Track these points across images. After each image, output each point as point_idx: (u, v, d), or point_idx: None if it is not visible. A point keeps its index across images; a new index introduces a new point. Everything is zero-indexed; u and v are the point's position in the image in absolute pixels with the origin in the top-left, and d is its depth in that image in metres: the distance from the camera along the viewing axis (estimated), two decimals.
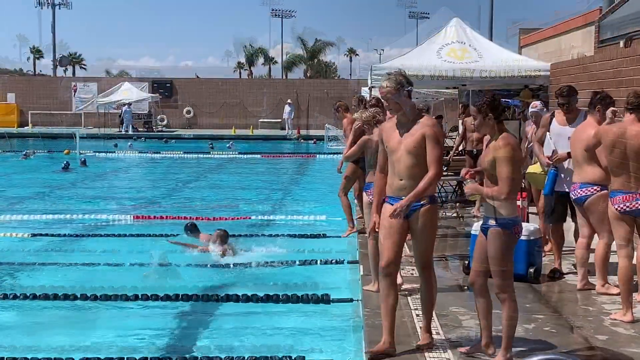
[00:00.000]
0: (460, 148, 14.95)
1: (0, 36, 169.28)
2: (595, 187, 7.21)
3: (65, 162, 24.33)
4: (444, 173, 14.16)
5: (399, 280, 7.26)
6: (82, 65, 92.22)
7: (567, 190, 7.99)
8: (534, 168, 8.85)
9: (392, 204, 5.72)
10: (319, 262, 9.98)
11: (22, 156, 27.92)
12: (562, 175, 8.05)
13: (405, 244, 10.17)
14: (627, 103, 6.78)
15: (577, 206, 7.48)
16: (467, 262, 8.38)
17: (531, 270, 7.93)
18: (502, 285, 5.53)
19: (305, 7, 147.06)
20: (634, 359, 5.71)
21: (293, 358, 6.39)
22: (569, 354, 5.36)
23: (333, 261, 9.86)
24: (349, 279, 9.08)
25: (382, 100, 6.22)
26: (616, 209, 6.72)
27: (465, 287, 7.75)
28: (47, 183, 20.88)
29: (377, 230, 5.93)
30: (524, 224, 8.39)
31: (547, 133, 8.22)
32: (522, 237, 7.93)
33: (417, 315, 6.74)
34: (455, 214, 12.35)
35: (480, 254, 5.64)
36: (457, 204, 12.91)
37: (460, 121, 23.35)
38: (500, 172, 5.38)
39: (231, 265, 10.18)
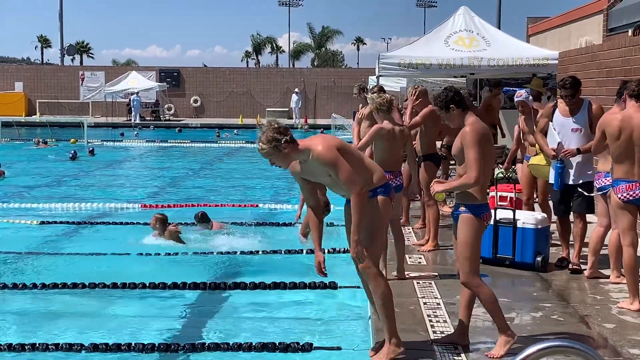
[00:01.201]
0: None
1: (5, 26, 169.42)
2: None
3: (72, 151, 24.38)
4: (452, 163, 14.13)
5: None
6: (90, 54, 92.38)
7: (570, 182, 7.88)
8: (538, 159, 8.78)
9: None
10: (326, 250, 9.97)
11: (42, 144, 28.19)
12: (566, 167, 7.92)
13: (412, 230, 10.21)
14: (631, 90, 6.76)
15: (601, 195, 7.45)
16: None
17: (539, 259, 7.93)
18: (467, 274, 5.49)
19: None
20: None
21: (301, 345, 6.41)
22: (576, 341, 5.36)
23: (340, 250, 9.86)
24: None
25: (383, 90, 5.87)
26: (619, 198, 6.70)
27: None
28: (55, 172, 20.94)
29: (323, 271, 5.47)
30: (531, 213, 8.44)
31: (550, 123, 8.10)
32: (530, 226, 7.96)
33: (425, 303, 6.76)
34: None
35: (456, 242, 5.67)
36: None
37: None
38: (467, 156, 5.42)
39: (238, 253, 10.20)
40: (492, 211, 8.22)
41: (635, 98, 6.72)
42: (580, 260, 7.89)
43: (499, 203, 9.01)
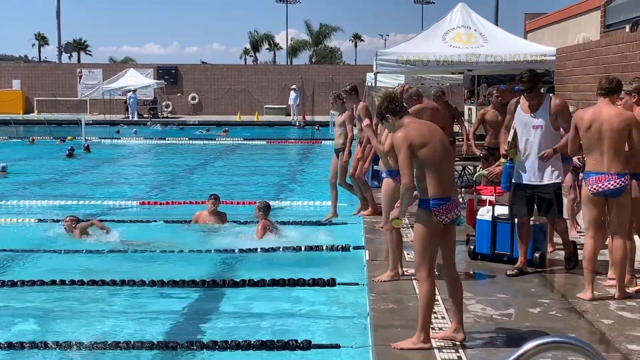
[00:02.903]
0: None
1: (2, 24, 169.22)
2: (625, 177, 7.06)
3: (68, 148, 24.34)
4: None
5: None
6: (87, 52, 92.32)
7: (532, 182, 7.58)
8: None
9: None
10: (324, 247, 9.97)
11: (59, 141, 28.39)
12: (528, 167, 7.60)
13: (409, 227, 10.19)
14: (601, 88, 6.90)
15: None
16: (472, 247, 8.39)
17: (536, 255, 7.93)
18: (415, 266, 5.67)
19: None
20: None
21: (299, 342, 6.41)
22: (574, 337, 5.37)
23: (339, 247, 9.86)
24: (354, 264, 9.08)
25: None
26: (590, 190, 6.77)
27: (472, 273, 7.77)
28: (51, 169, 20.92)
29: None
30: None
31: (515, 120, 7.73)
32: None
33: None
34: (460, 199, 12.31)
35: None
36: (462, 189, 12.89)
37: (466, 107, 23.21)
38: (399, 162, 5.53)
39: (237, 251, 10.19)
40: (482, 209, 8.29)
41: (603, 95, 6.89)
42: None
43: (477, 206, 8.99)
